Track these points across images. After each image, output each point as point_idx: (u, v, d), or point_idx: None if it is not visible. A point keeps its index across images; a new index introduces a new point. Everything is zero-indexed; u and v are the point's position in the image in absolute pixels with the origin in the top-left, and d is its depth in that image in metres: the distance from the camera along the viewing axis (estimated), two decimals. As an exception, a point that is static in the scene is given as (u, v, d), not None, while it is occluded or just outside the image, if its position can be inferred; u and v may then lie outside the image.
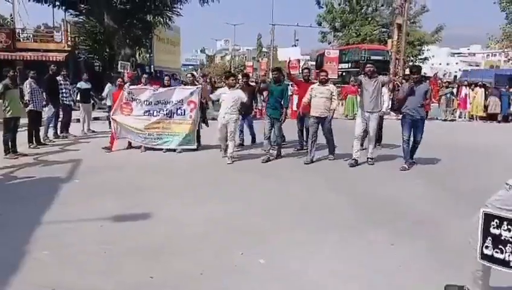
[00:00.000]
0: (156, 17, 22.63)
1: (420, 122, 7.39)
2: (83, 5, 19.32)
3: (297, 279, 3.34)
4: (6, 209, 4.87)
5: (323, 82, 7.93)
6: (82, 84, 11.60)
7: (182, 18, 23.70)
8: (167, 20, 23.27)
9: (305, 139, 8.90)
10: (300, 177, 6.81)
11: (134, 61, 22.26)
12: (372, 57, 26.53)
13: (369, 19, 35.78)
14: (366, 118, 7.54)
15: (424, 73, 32.29)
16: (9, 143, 7.96)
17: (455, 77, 28.69)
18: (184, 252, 3.80)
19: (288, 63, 10.07)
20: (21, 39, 22.64)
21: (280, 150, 8.34)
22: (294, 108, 12.35)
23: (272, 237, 4.19)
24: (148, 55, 29.58)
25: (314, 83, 8.29)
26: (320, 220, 4.73)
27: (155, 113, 8.82)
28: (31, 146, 8.96)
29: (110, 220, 4.57)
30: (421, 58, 35.41)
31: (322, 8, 36.39)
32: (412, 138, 7.47)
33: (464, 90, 16.68)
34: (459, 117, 16.98)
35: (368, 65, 7.76)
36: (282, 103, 8.02)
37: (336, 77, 22.41)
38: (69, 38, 22.97)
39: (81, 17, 22.28)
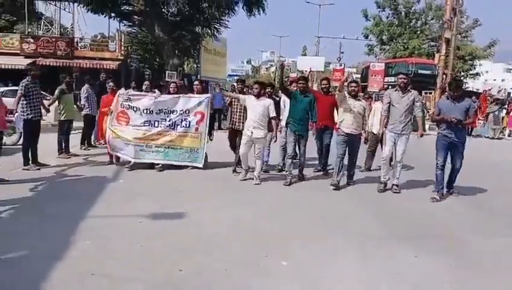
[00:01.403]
0: (204, 29, 23.39)
1: (460, 145, 6.35)
2: (136, 17, 20.34)
3: (316, 281, 3.49)
4: (55, 204, 5.34)
5: (354, 95, 7.00)
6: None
7: (229, 29, 24.26)
8: (215, 32, 24.00)
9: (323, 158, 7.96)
10: (329, 202, 6.07)
11: (182, 70, 23.10)
12: (420, 71, 26.04)
13: (418, 32, 35.07)
14: (394, 140, 6.60)
15: (477, 89, 31.25)
16: (63, 144, 8.60)
17: (509, 94, 27.50)
18: (211, 250, 4.04)
19: (309, 73, 8.39)
20: (79, 48, 24.17)
21: (302, 171, 7.45)
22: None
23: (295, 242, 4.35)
24: (195, 66, 30.54)
25: (333, 95, 7.49)
26: (343, 232, 4.83)
27: (156, 124, 7.73)
28: (82, 148, 9.60)
29: (149, 218, 4.91)
30: (472, 74, 34.22)
31: (370, 20, 36.12)
32: (449, 163, 6.48)
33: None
34: (509, 136, 16.29)
35: (401, 76, 6.76)
36: (308, 116, 7.05)
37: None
38: (122, 48, 24.27)
39: (134, 28, 23.48)
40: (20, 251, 3.82)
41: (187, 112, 7.73)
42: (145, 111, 7.70)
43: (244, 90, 8.37)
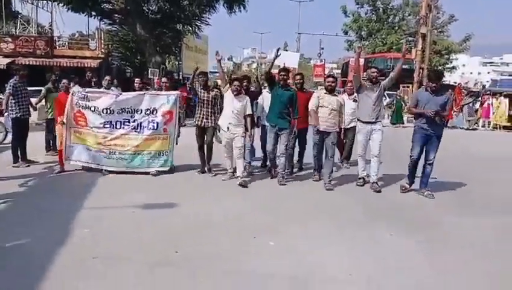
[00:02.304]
0: (185, 26, 23.51)
1: (436, 139, 6.21)
2: (117, 15, 20.34)
3: (303, 257, 3.82)
4: (49, 198, 5.55)
5: (331, 90, 6.71)
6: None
7: (211, 26, 24.43)
8: (196, 29, 24.13)
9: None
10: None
11: (164, 68, 23.18)
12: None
13: (396, 28, 35.89)
14: (367, 131, 6.48)
15: (454, 82, 32.11)
16: (51, 141, 8.71)
17: (483, 86, 28.40)
18: (203, 235, 4.32)
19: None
20: (57, 46, 23.95)
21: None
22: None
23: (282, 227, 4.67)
24: (177, 63, 30.59)
25: (310, 93, 7.30)
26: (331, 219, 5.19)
27: (118, 126, 6.97)
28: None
29: (140, 208, 5.15)
30: (448, 67, 35.15)
31: (349, 17, 36.80)
32: (423, 157, 6.33)
33: (487, 100, 16.70)
34: (482, 126, 16.98)
35: (373, 69, 6.69)
36: (288, 111, 6.67)
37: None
38: (103, 46, 24.16)
39: (115, 26, 23.41)
40: (22, 239, 4.04)
41: (154, 111, 7.01)
42: (104, 111, 6.91)
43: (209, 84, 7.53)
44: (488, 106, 16.56)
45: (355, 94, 7.16)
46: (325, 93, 6.70)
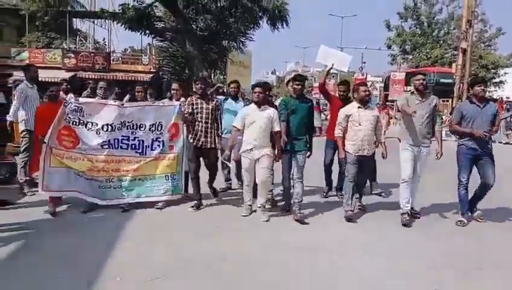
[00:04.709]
0: (231, 42, 24.74)
1: (489, 156, 5.35)
2: (168, 33, 21.88)
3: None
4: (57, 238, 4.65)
5: (364, 102, 5.47)
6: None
7: (254, 42, 25.57)
8: (240, 45, 25.33)
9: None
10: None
11: (210, 82, 24.47)
12: (441, 80, 26.49)
13: (441, 41, 35.57)
14: (414, 154, 5.43)
15: (498, 96, 31.29)
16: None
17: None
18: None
19: (328, 70, 6.48)
20: (113, 61, 25.95)
21: (291, 205, 5.68)
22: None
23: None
24: (222, 77, 31.97)
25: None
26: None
27: (116, 145, 5.57)
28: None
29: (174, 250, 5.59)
30: (495, 82, 34.34)
31: (392, 31, 36.88)
32: (476, 179, 5.50)
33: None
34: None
35: (418, 76, 5.48)
36: (308, 127, 5.61)
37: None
38: (154, 61, 25.89)
39: (166, 42, 25.05)
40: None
41: (159, 127, 5.71)
42: (104, 128, 5.49)
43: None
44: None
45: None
46: (359, 107, 5.48)
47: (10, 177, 6.28)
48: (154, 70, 25.21)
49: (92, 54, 25.61)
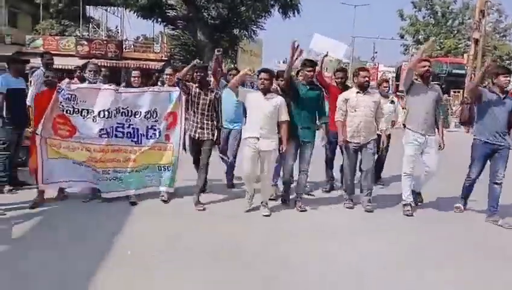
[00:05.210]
0: (242, 31, 24.86)
1: (503, 152, 5.05)
2: (180, 21, 22.09)
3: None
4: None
5: (363, 87, 5.30)
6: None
7: (266, 30, 25.64)
8: (251, 34, 25.43)
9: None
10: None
11: (221, 70, 24.62)
12: (454, 71, 26.28)
13: (455, 31, 35.15)
14: (420, 144, 5.20)
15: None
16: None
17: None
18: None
19: (323, 58, 6.13)
20: (125, 49, 26.23)
21: (301, 194, 5.45)
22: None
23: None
24: (233, 66, 32.15)
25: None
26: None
27: (112, 133, 5.23)
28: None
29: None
30: (509, 73, 33.85)
31: (405, 20, 36.51)
32: (483, 175, 5.24)
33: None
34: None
35: (424, 62, 5.21)
36: (315, 116, 5.34)
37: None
38: (166, 49, 26.10)
39: (177, 30, 25.24)
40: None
41: (155, 114, 5.37)
42: (101, 114, 5.15)
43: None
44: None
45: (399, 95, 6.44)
46: (358, 92, 5.31)
47: (27, 160, 6.56)
48: (166, 58, 25.41)
49: (105, 42, 25.88)
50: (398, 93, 10.03)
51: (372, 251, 4.16)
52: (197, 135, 5.33)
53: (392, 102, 6.54)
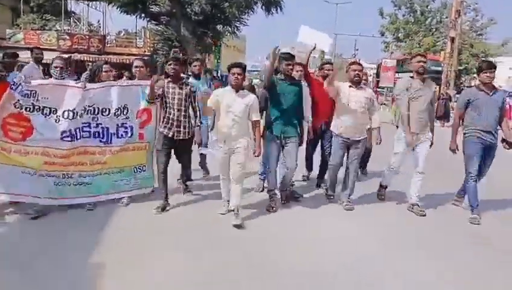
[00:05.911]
0: (225, 27, 25.02)
1: (492, 152, 5.11)
2: (163, 16, 22.14)
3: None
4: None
5: (357, 83, 5.16)
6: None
7: (249, 26, 25.89)
8: (235, 30, 25.61)
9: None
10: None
11: (204, 66, 24.78)
12: (432, 68, 26.92)
13: (433, 30, 36.03)
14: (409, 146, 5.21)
15: (499, 86, 31.91)
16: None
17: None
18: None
19: (311, 51, 5.67)
20: (107, 44, 26.17)
21: (286, 191, 5.46)
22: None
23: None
24: (216, 61, 32.26)
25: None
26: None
27: (78, 135, 4.70)
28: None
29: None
30: (485, 71, 34.87)
31: (385, 18, 37.24)
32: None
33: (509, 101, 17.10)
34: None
35: (418, 58, 5.16)
36: (298, 112, 5.18)
37: (392, 86, 23.39)
38: (149, 44, 26.13)
39: (161, 26, 25.26)
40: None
41: (125, 110, 4.91)
42: (65, 115, 4.62)
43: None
44: (509, 107, 16.95)
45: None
46: (350, 86, 5.17)
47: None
48: (149, 53, 25.44)
49: (87, 36, 25.78)
50: (377, 89, 10.44)
51: (363, 251, 4.22)
52: (171, 133, 4.91)
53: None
